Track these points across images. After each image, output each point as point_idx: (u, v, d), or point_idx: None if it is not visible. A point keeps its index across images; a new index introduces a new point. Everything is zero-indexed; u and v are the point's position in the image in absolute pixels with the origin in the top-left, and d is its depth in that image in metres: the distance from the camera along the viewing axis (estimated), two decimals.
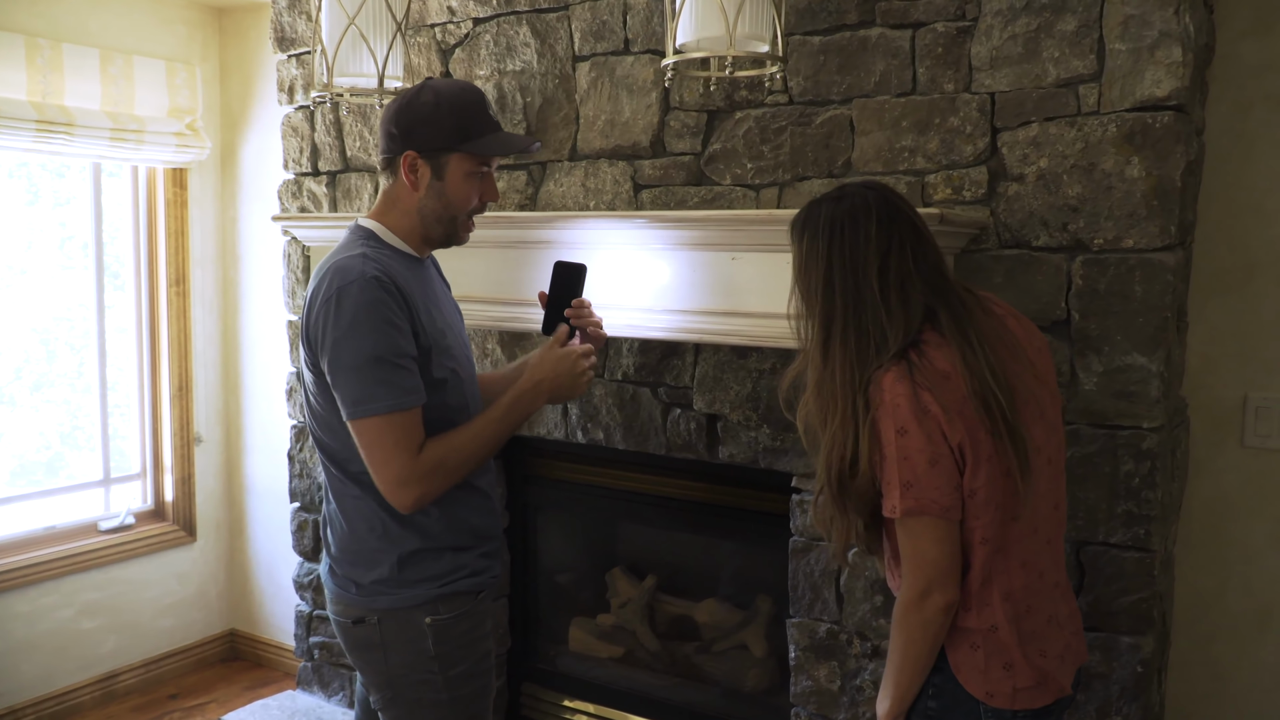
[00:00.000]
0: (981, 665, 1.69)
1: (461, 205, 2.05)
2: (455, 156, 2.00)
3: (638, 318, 2.48)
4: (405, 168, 2.01)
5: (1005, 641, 1.69)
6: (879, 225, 1.69)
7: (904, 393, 1.62)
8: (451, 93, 2.01)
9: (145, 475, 4.16)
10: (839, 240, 1.70)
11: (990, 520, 1.65)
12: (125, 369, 4.09)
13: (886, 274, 1.68)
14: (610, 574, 3.21)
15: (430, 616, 2.00)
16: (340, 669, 3.43)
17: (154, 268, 4.07)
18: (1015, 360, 1.70)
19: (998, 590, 1.68)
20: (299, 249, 3.33)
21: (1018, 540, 1.69)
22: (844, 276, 1.69)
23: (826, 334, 1.71)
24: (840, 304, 1.69)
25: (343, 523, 2.05)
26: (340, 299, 1.88)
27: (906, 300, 1.68)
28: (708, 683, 3.00)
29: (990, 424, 1.62)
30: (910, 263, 1.69)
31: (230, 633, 4.37)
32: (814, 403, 1.74)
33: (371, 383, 1.87)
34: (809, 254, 1.74)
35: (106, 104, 3.71)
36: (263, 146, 4.05)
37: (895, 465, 1.62)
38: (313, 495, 3.40)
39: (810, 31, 2.39)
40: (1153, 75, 2.05)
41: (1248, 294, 2.39)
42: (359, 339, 1.87)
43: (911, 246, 1.70)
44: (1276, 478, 2.39)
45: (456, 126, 1.99)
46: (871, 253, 1.68)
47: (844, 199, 1.73)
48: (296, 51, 3.27)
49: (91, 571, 3.89)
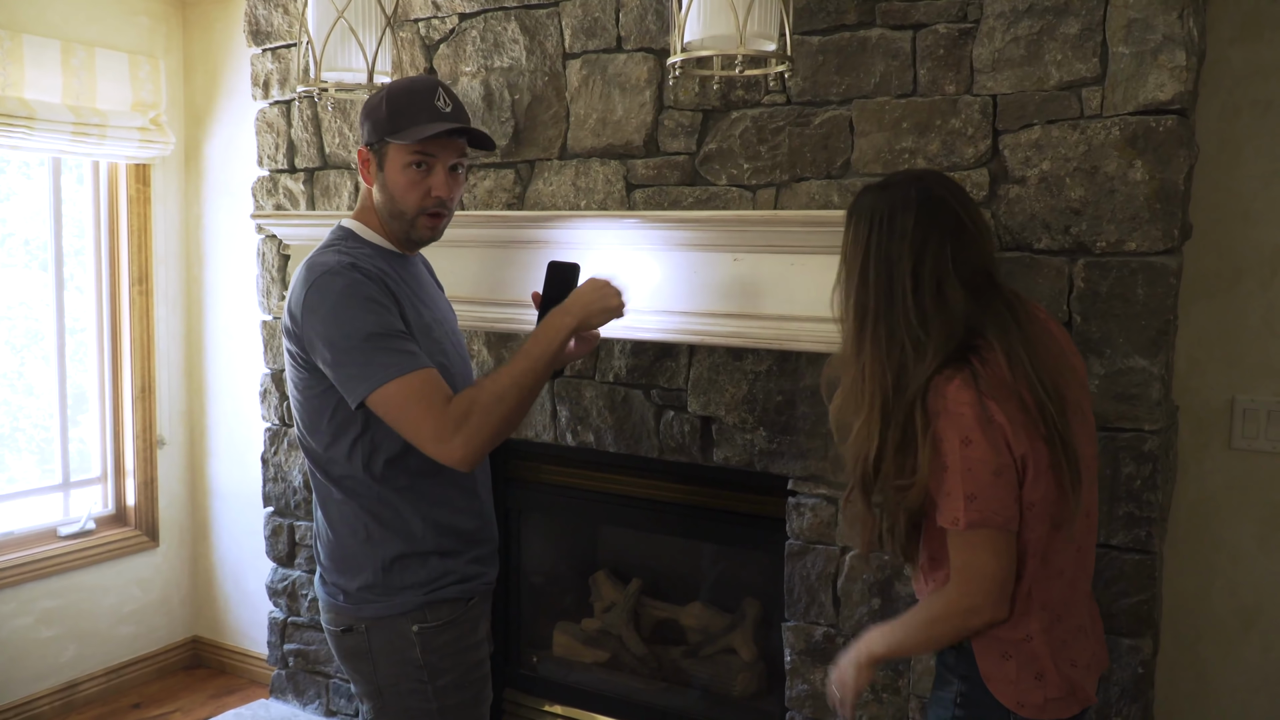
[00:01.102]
0: (1013, 675, 1.67)
1: (404, 198, 1.98)
2: (391, 147, 1.97)
3: (633, 319, 2.43)
4: (360, 163, 2.02)
5: (1038, 651, 1.67)
6: (916, 221, 1.63)
7: (969, 401, 1.57)
8: (399, 86, 2.00)
9: (106, 479, 4.04)
10: (876, 233, 1.65)
11: (1042, 533, 1.63)
12: (85, 370, 3.97)
13: (921, 273, 1.62)
14: (593, 578, 3.17)
15: (417, 624, 1.95)
16: (316, 676, 3.36)
17: (115, 266, 3.96)
18: (1061, 368, 1.66)
19: (1036, 600, 1.66)
20: (274, 247, 3.25)
21: (1057, 549, 1.67)
22: (877, 271, 1.65)
23: (860, 326, 1.67)
24: (873, 298, 1.65)
25: (327, 528, 2.01)
26: (320, 290, 1.86)
27: (943, 302, 1.62)
28: (695, 687, 2.98)
29: (1045, 433, 1.59)
30: (948, 263, 1.63)
31: (193, 640, 4.27)
32: (846, 396, 1.70)
33: (373, 353, 1.82)
34: (852, 241, 1.70)
35: (68, 97, 3.60)
36: (228, 142, 3.96)
37: (959, 476, 1.57)
38: (288, 499, 3.32)
39: (808, 31, 2.37)
40: (1156, 79, 2.06)
41: (1234, 297, 2.42)
42: (347, 321, 1.83)
43: (952, 246, 1.63)
44: (1263, 479, 2.42)
45: (390, 116, 1.95)
46: (906, 250, 1.63)
47: (888, 189, 1.69)
48: (273, 45, 3.19)
49: (51, 578, 3.77)
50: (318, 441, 1.97)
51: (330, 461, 1.96)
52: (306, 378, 1.94)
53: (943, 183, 1.70)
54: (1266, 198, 2.38)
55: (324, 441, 1.96)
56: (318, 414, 1.95)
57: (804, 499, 2.47)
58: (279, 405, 3.31)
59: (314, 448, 1.99)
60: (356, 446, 1.94)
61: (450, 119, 1.98)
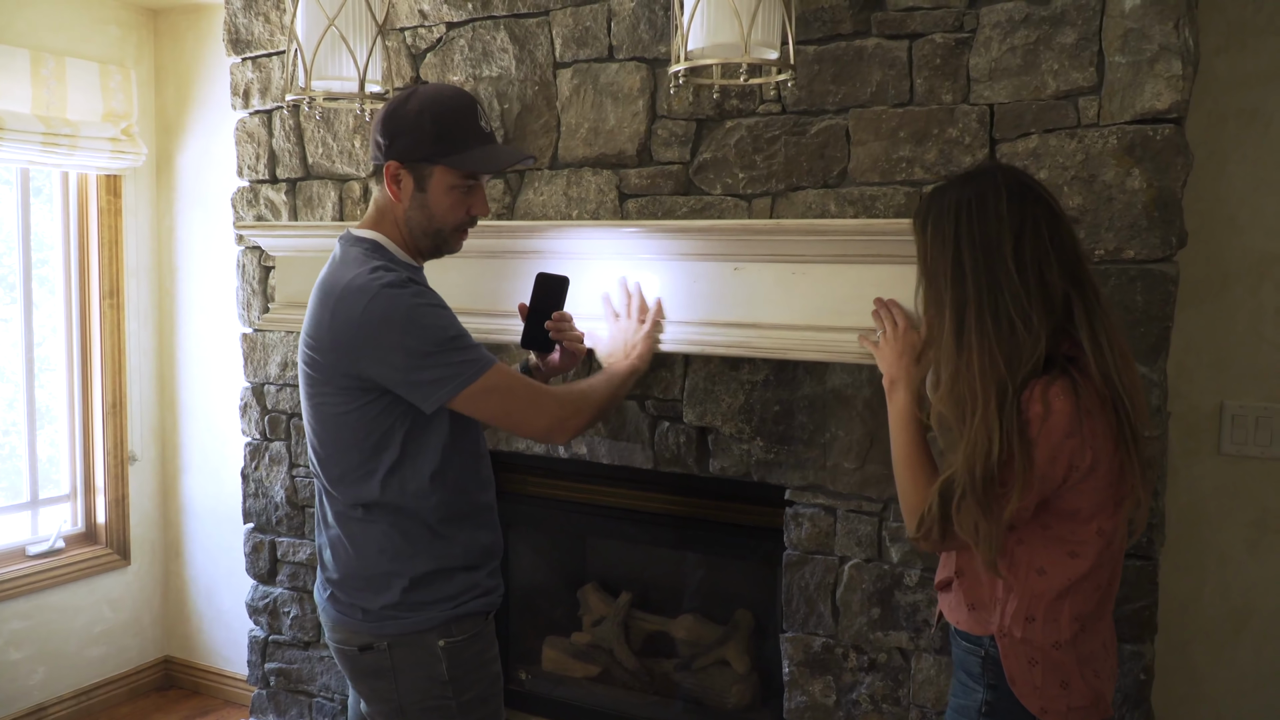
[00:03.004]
0: (1038, 682, 1.67)
1: (445, 218, 1.99)
2: (438, 169, 1.94)
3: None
4: (389, 178, 1.96)
5: (1064, 660, 1.67)
6: (1010, 203, 1.61)
7: (1067, 411, 1.55)
8: (438, 100, 1.95)
9: (76, 496, 3.95)
10: (967, 221, 1.62)
11: (1088, 538, 1.63)
12: (54, 384, 3.88)
13: (1022, 253, 1.59)
14: (582, 591, 3.15)
15: (444, 639, 1.93)
16: (299, 695, 3.29)
17: (85, 279, 3.88)
18: (1133, 368, 1.64)
19: (1070, 609, 1.66)
20: (255, 259, 3.20)
21: (1103, 563, 1.67)
22: (975, 258, 1.60)
23: (960, 322, 1.61)
24: (973, 288, 1.60)
25: (348, 547, 1.96)
26: (390, 302, 1.85)
27: (1045, 283, 1.59)
28: (687, 700, 2.95)
29: (1119, 431, 1.57)
30: (1047, 243, 1.60)
31: (165, 660, 4.18)
32: (949, 399, 1.63)
33: (458, 354, 1.87)
34: (935, 241, 1.66)
35: (38, 107, 3.53)
36: (201, 153, 3.90)
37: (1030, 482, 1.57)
38: (269, 515, 3.26)
39: (804, 41, 2.37)
40: (1153, 88, 2.08)
41: (1222, 303, 2.45)
42: (430, 328, 1.86)
43: (1048, 226, 1.61)
44: (1252, 484, 2.45)
45: (439, 137, 1.92)
46: (1005, 231, 1.59)
47: (970, 180, 1.67)
48: (253, 54, 3.14)
49: (19, 599, 3.68)
50: (347, 463, 1.94)
51: (355, 484, 1.94)
52: (343, 400, 1.91)
53: (1022, 172, 1.70)
54: (1252, 205, 2.41)
55: (355, 462, 1.93)
56: (354, 434, 1.92)
57: (802, 509, 2.46)
58: (260, 419, 3.25)
59: (335, 469, 1.96)
60: (393, 468, 1.93)
61: (493, 140, 2.02)
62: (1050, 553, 1.66)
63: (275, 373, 3.20)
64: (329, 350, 1.88)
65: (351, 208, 3.01)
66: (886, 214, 2.32)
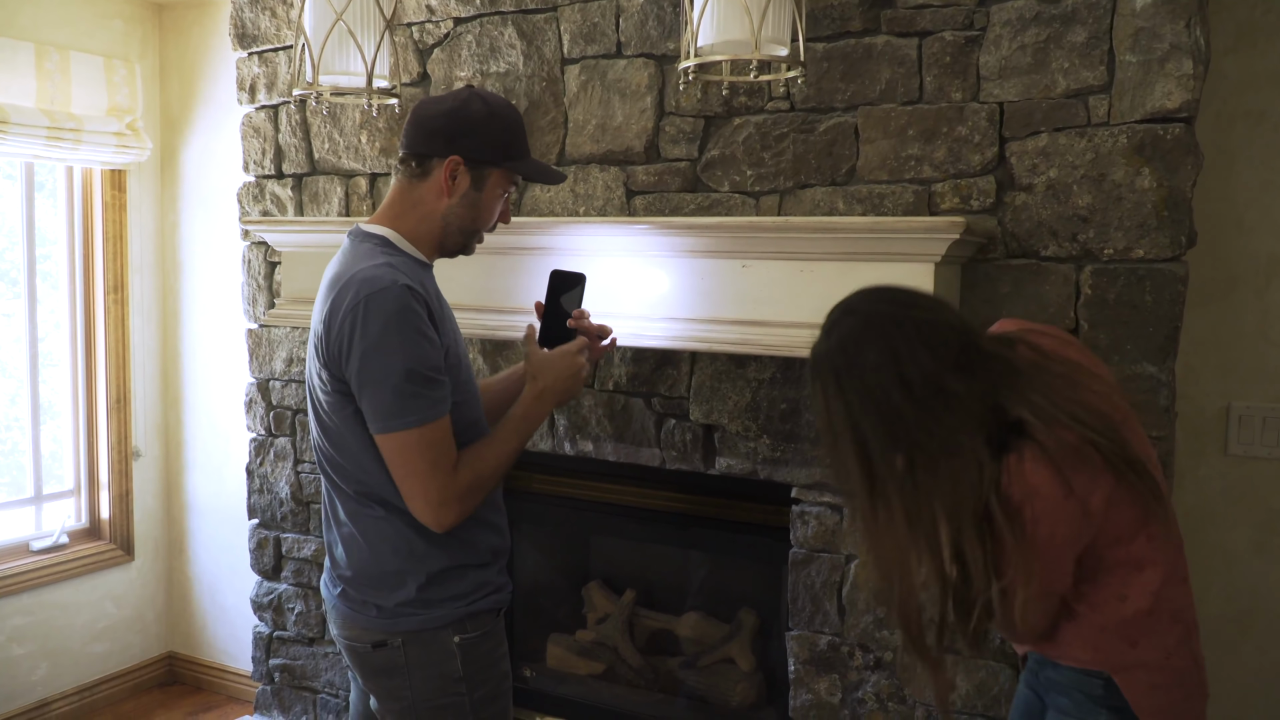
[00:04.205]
0: (1163, 704, 1.59)
1: (487, 220, 2.02)
2: (497, 172, 1.97)
3: (635, 326, 2.42)
4: (446, 172, 1.94)
5: (1183, 666, 1.60)
6: (877, 349, 1.50)
7: (1048, 478, 1.47)
8: (506, 107, 1.99)
9: (79, 492, 3.95)
10: (845, 381, 1.51)
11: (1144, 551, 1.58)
12: (58, 380, 3.88)
13: (910, 386, 1.47)
14: (586, 589, 3.14)
15: (459, 635, 1.93)
16: (303, 692, 3.29)
17: (90, 274, 3.87)
18: (1091, 387, 1.56)
19: (1167, 612, 1.59)
20: (260, 254, 3.20)
21: (1171, 557, 1.61)
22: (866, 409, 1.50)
23: (869, 478, 1.51)
24: (876, 443, 1.50)
25: (362, 544, 1.95)
26: (368, 309, 1.80)
27: (949, 397, 1.48)
28: (692, 698, 2.95)
29: (1108, 465, 1.50)
30: (931, 362, 1.48)
31: (169, 656, 4.18)
32: (874, 564, 1.56)
33: (403, 396, 1.79)
34: (825, 407, 1.55)
35: (42, 101, 3.52)
36: (205, 148, 3.89)
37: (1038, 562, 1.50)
38: (274, 511, 3.26)
39: (813, 38, 2.37)
40: (1163, 87, 2.08)
41: (1229, 304, 2.44)
42: (389, 351, 1.79)
43: (926, 344, 1.49)
44: (1258, 485, 2.45)
45: (504, 143, 1.96)
46: (885, 378, 1.48)
47: (830, 332, 1.56)
48: (260, 49, 3.14)
49: (22, 594, 3.67)
50: (350, 458, 1.93)
51: (365, 479, 1.92)
52: (337, 401, 1.89)
53: (868, 297, 1.58)
54: (1260, 207, 2.41)
55: (358, 458, 1.91)
56: (352, 430, 1.90)
57: (808, 507, 2.46)
58: (265, 415, 3.24)
59: (345, 464, 1.94)
60: None
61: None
62: (1120, 577, 1.59)
63: (280, 368, 3.20)
64: (326, 340, 1.88)
65: (358, 203, 3.01)
66: (895, 212, 2.32)
